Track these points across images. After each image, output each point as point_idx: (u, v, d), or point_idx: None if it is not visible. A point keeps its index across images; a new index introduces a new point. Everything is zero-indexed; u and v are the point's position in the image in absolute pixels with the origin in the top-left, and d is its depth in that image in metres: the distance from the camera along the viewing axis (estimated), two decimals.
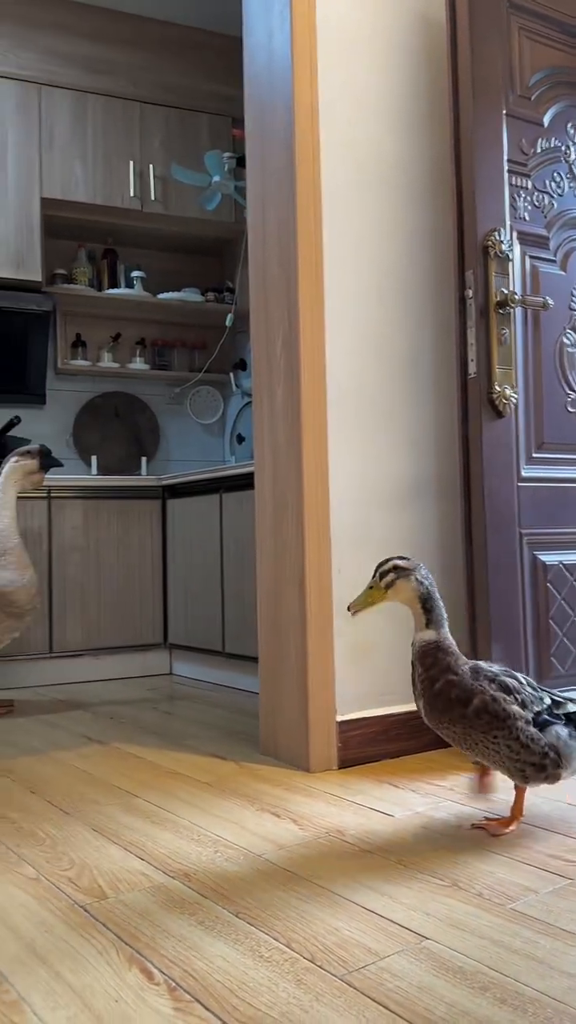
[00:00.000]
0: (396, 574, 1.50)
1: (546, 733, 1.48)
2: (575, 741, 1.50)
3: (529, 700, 1.48)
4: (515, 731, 1.45)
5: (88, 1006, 1.02)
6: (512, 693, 1.47)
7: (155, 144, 3.92)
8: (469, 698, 1.46)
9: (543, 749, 1.47)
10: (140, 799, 1.83)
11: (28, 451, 2.93)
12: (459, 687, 1.47)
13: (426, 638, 1.51)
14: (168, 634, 3.63)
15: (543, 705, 1.50)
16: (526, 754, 1.46)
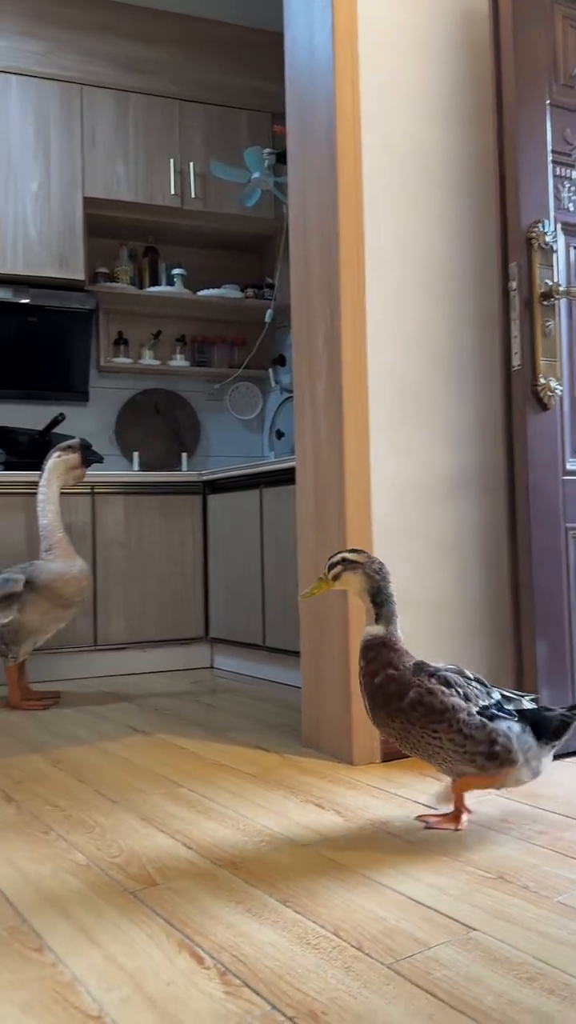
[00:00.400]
0: (343, 567, 1.52)
1: (499, 724, 1.46)
2: (527, 737, 1.47)
3: (474, 695, 1.47)
4: (456, 723, 1.44)
5: (141, 988, 1.04)
6: (453, 687, 1.46)
7: (195, 141, 3.95)
8: (405, 691, 1.45)
9: (490, 736, 1.44)
10: (185, 789, 1.86)
11: (69, 446, 2.98)
12: (396, 681, 1.46)
13: (372, 632, 1.51)
14: (209, 628, 3.67)
15: (491, 700, 1.48)
16: (472, 744, 1.45)
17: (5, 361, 3.78)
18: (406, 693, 1.45)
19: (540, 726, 1.49)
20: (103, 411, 4.12)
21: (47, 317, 3.76)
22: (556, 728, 1.49)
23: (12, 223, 3.64)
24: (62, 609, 2.90)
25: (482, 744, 1.45)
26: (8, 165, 3.64)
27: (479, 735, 1.44)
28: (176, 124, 3.92)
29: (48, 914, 1.26)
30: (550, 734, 1.49)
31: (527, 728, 1.49)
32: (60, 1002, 1.02)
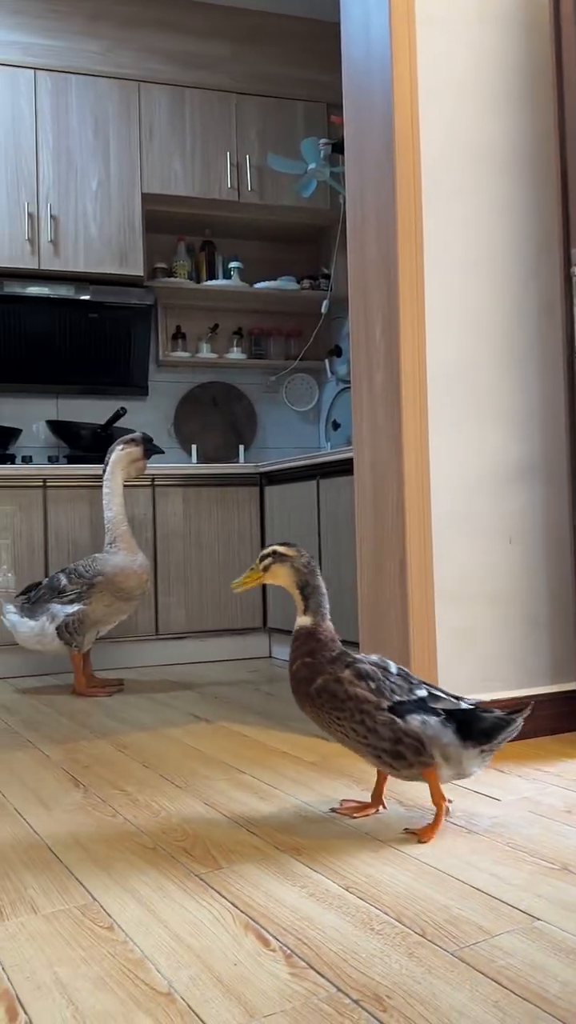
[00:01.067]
0: (273, 559, 1.54)
1: (407, 721, 1.44)
2: (445, 734, 1.45)
3: (389, 689, 1.46)
4: (358, 714, 1.45)
5: (209, 967, 1.07)
6: (366, 679, 1.46)
7: (251, 134, 3.96)
8: (314, 678, 1.49)
9: (396, 733, 1.43)
10: (248, 775, 1.89)
11: (132, 439, 3.04)
12: (310, 668, 1.50)
13: (300, 623, 1.55)
14: (267, 618, 3.70)
15: (412, 696, 1.47)
16: (375, 739, 1.45)
17: (68, 357, 3.86)
18: (315, 680, 1.49)
19: (469, 726, 1.46)
20: (162, 404, 4.18)
21: (108, 313, 3.83)
22: (487, 729, 1.46)
23: (73, 221, 3.71)
24: (124, 602, 2.96)
25: (386, 741, 1.44)
26: (68, 163, 3.71)
27: (383, 731, 1.44)
28: (232, 118, 3.94)
29: (117, 894, 1.30)
30: (480, 735, 1.46)
31: (449, 727, 1.45)
32: (131, 978, 1.05)
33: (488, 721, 1.46)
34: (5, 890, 1.33)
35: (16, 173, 3.64)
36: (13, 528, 3.40)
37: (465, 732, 1.46)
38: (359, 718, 1.45)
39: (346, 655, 1.52)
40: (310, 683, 1.50)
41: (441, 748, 1.45)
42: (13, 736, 2.35)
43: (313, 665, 1.50)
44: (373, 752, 1.47)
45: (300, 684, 1.51)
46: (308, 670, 1.50)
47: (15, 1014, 0.98)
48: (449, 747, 1.45)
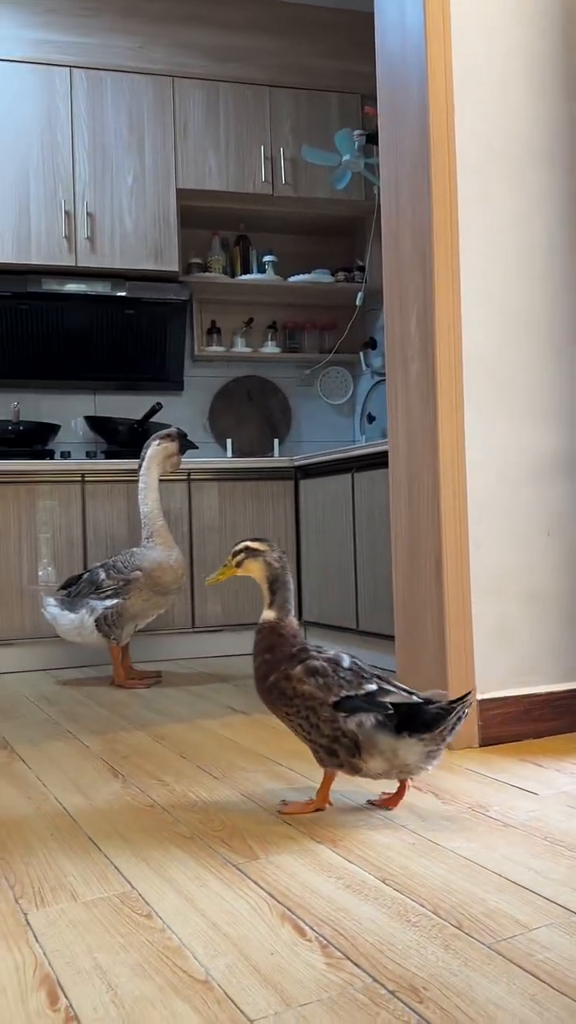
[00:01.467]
0: (246, 554, 1.60)
1: (349, 720, 1.47)
2: (382, 733, 1.46)
3: (337, 684, 1.49)
4: (303, 710, 1.50)
5: (245, 956, 1.08)
6: (316, 675, 1.50)
7: (285, 127, 3.95)
8: (269, 674, 1.54)
9: (334, 734, 1.48)
10: (284, 767, 1.90)
11: (168, 434, 3.06)
12: (267, 664, 1.54)
13: (266, 617, 1.59)
14: (302, 611, 3.70)
15: (360, 691, 1.49)
16: (316, 735, 1.50)
17: (105, 353, 3.90)
18: (269, 676, 1.54)
19: (413, 718, 1.47)
20: (197, 399, 4.20)
21: (144, 309, 3.85)
22: (428, 720, 1.46)
23: (109, 217, 3.74)
24: (161, 596, 2.99)
25: (324, 738, 1.49)
26: (103, 160, 3.74)
27: (325, 728, 1.49)
28: (266, 111, 3.94)
29: (155, 883, 1.31)
30: (421, 726, 1.46)
31: (386, 723, 1.47)
32: (169, 965, 1.07)
33: (429, 712, 1.47)
34: (46, 877, 1.35)
35: (53, 171, 3.68)
36: (53, 523, 3.45)
37: (407, 724, 1.47)
38: (304, 714, 1.51)
39: (304, 651, 1.55)
40: (265, 680, 1.55)
41: (374, 747, 1.48)
42: (54, 726, 2.39)
43: (271, 662, 1.55)
44: (312, 747, 1.54)
45: (259, 680, 1.58)
46: (266, 667, 1.55)
47: (56, 998, 1.00)
48: (382, 744, 1.47)
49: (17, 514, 3.41)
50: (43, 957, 1.10)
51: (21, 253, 3.63)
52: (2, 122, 3.62)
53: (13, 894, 1.29)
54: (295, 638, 1.57)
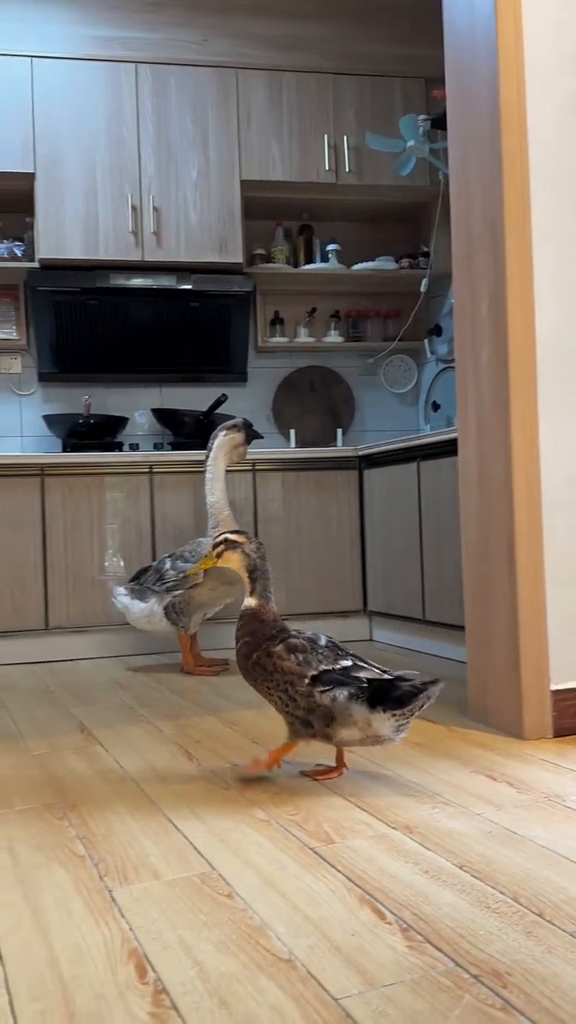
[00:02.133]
0: (225, 546, 1.71)
1: (324, 695, 1.59)
2: (356, 705, 1.58)
3: (317, 660, 1.61)
4: (282, 684, 1.62)
5: (327, 937, 1.10)
6: (295, 652, 1.62)
7: (348, 115, 3.93)
8: (251, 653, 1.66)
9: (310, 705, 1.60)
10: (354, 754, 1.90)
11: (234, 425, 3.09)
12: (249, 645, 1.67)
13: (247, 604, 1.71)
14: (367, 601, 3.70)
15: (336, 665, 1.61)
16: (293, 707, 1.62)
17: (170, 346, 3.95)
18: (251, 655, 1.66)
19: (384, 693, 1.57)
20: (261, 390, 4.22)
21: (208, 301, 3.89)
22: (398, 697, 1.57)
23: (174, 211, 3.78)
24: (228, 585, 3.02)
25: (301, 710, 1.61)
26: (168, 155, 3.78)
27: (302, 700, 1.61)
28: (329, 99, 3.92)
29: (234, 864, 1.34)
30: (391, 702, 1.57)
31: (358, 697, 1.58)
32: (252, 943, 1.09)
33: (401, 690, 1.58)
34: (128, 856, 1.39)
35: (119, 167, 3.74)
36: (122, 514, 3.52)
37: (379, 699, 1.58)
38: (284, 687, 1.62)
39: (283, 632, 1.67)
40: (247, 658, 1.67)
41: (347, 718, 1.59)
42: (128, 711, 2.45)
43: (252, 643, 1.67)
44: (288, 719, 1.65)
45: (241, 660, 1.69)
46: (248, 647, 1.67)
47: (144, 972, 1.03)
48: (356, 715, 1.59)
49: (89, 505, 3.49)
50: (129, 932, 1.14)
51: (90, 249, 3.70)
52: (70, 120, 3.69)
53: (98, 871, 1.34)
54: (275, 622, 1.69)
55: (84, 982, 1.01)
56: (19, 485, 3.44)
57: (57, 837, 1.48)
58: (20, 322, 3.90)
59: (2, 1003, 0.98)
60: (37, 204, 3.66)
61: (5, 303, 3.89)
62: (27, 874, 1.34)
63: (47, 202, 3.66)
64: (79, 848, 1.43)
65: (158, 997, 0.97)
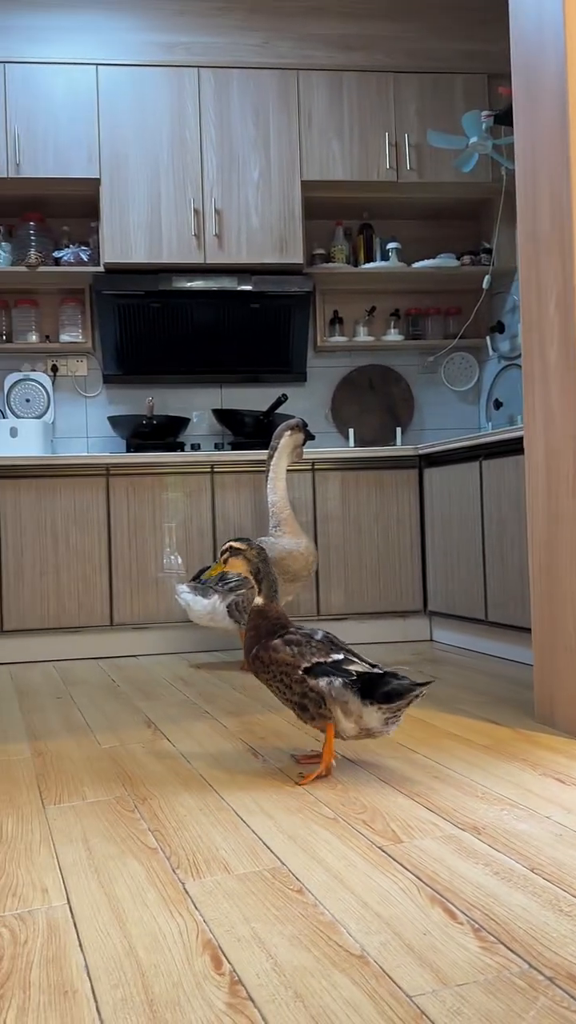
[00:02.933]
0: (230, 553, 1.85)
1: (316, 681, 1.70)
2: (348, 694, 1.68)
3: (310, 653, 1.73)
4: (279, 675, 1.75)
5: (398, 935, 1.10)
6: (291, 645, 1.75)
7: (410, 113, 3.92)
8: (251, 648, 1.80)
9: (304, 691, 1.72)
10: (419, 755, 1.91)
11: (296, 425, 3.11)
12: (252, 640, 1.80)
13: (255, 603, 1.84)
14: (428, 601, 3.68)
15: (328, 658, 1.72)
16: (289, 694, 1.75)
17: (230, 347, 3.99)
18: (251, 649, 1.80)
19: (373, 687, 1.67)
20: (319, 390, 4.23)
21: (268, 302, 3.91)
22: (387, 692, 1.66)
23: (236, 213, 3.82)
24: (290, 583, 3.05)
25: (296, 695, 1.73)
26: (230, 157, 3.82)
27: (296, 687, 1.72)
28: (390, 97, 3.91)
29: (303, 860, 1.36)
30: (380, 697, 1.66)
31: (351, 687, 1.68)
32: (324, 939, 1.10)
33: (390, 686, 1.67)
34: (199, 850, 1.42)
35: (182, 171, 3.79)
36: (183, 512, 3.57)
37: (368, 693, 1.67)
38: (279, 677, 1.75)
39: (283, 627, 1.80)
40: (250, 652, 1.81)
41: (341, 705, 1.69)
42: (192, 707, 2.49)
43: (254, 638, 1.81)
44: (288, 704, 1.77)
45: (246, 654, 1.83)
46: (251, 642, 1.81)
47: (220, 963, 1.06)
48: (349, 704, 1.68)
49: (152, 505, 3.55)
50: (203, 924, 1.16)
51: (153, 253, 3.76)
52: (134, 126, 3.75)
53: (170, 864, 1.37)
54: (278, 619, 1.82)
55: (162, 971, 1.04)
56: (85, 485, 3.52)
57: (129, 829, 1.52)
58: (86, 325, 3.98)
59: (84, 988, 1.01)
60: (102, 209, 3.73)
61: (72, 307, 3.98)
62: (102, 864, 1.37)
63: (112, 207, 3.74)
64: (151, 840, 1.46)
65: (234, 988, 1.00)
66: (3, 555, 3.45)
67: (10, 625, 3.45)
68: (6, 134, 3.65)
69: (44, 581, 3.47)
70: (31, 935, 1.15)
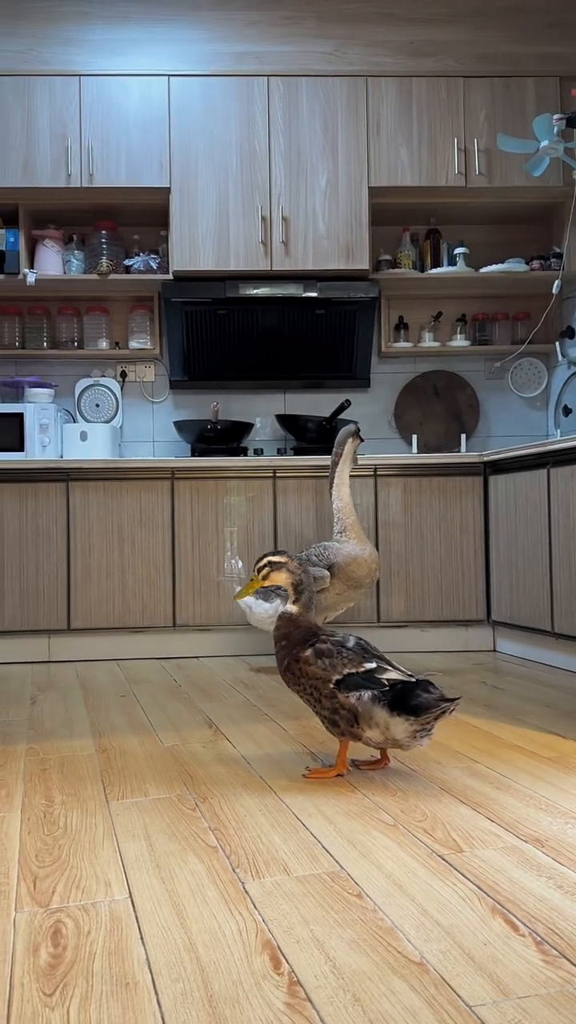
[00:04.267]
0: (269, 567, 1.84)
1: (349, 696, 1.70)
2: (377, 708, 1.67)
3: (341, 664, 1.72)
4: (309, 688, 1.75)
5: (458, 944, 1.09)
6: (322, 657, 1.74)
7: (479, 118, 3.88)
8: (284, 659, 1.80)
9: (333, 706, 1.72)
10: (481, 765, 1.88)
11: (357, 431, 3.11)
12: (284, 650, 1.80)
13: (288, 610, 1.84)
14: (491, 611, 3.63)
15: (360, 668, 1.71)
16: (319, 707, 1.75)
17: (294, 353, 4.01)
18: (283, 660, 1.80)
19: (403, 699, 1.66)
20: (383, 396, 4.22)
21: (333, 308, 3.92)
22: (414, 706, 1.65)
23: (303, 220, 3.84)
24: (353, 590, 3.04)
25: (327, 709, 1.73)
26: (298, 165, 3.84)
27: (327, 702, 1.73)
28: (460, 102, 3.88)
29: (363, 865, 1.35)
30: (408, 709, 1.65)
31: (381, 699, 1.68)
32: (383, 944, 1.10)
33: (419, 699, 1.65)
34: (258, 850, 1.43)
35: (250, 179, 3.83)
36: (245, 516, 3.60)
37: (399, 705, 1.66)
38: (309, 691, 1.76)
39: (314, 635, 1.79)
40: (282, 663, 1.81)
41: (369, 719, 1.70)
42: (252, 709, 2.51)
43: (287, 647, 1.80)
44: (320, 719, 1.78)
45: (278, 664, 1.83)
46: (284, 652, 1.81)
47: (279, 963, 1.06)
48: (375, 716, 1.69)
49: (215, 508, 3.59)
50: (262, 924, 1.17)
51: (220, 260, 3.81)
52: (204, 135, 3.81)
53: (230, 863, 1.38)
54: (307, 628, 1.81)
55: (221, 967, 1.05)
56: (151, 488, 3.58)
57: (190, 827, 1.54)
58: (154, 332, 4.06)
59: (145, 981, 1.03)
60: (172, 217, 3.80)
61: (141, 314, 4.06)
62: (163, 861, 1.40)
63: (181, 215, 3.80)
64: (211, 839, 1.48)
65: (293, 988, 1.00)
66: (72, 555, 3.54)
67: (77, 624, 3.53)
68: (80, 145, 3.75)
69: (110, 581, 3.54)
70: (94, 926, 1.17)
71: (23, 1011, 0.97)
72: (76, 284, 3.94)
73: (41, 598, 3.53)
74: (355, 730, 1.72)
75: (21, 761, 2.00)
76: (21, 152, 3.73)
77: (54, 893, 1.28)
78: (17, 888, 1.30)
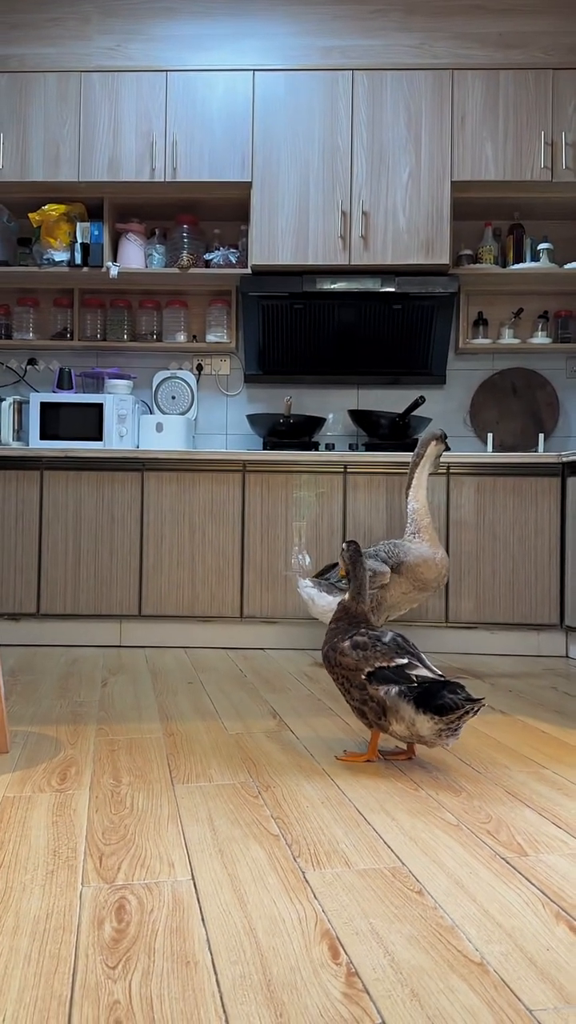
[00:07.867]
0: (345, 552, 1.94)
1: (377, 689, 1.75)
2: (403, 700, 1.72)
3: (374, 657, 1.77)
4: (341, 678, 1.82)
5: (520, 947, 1.08)
6: (358, 648, 1.80)
7: (568, 110, 3.79)
8: (325, 645, 1.88)
9: (363, 697, 1.77)
10: (549, 771, 1.85)
11: (441, 436, 3.08)
12: (329, 639, 1.88)
13: (343, 600, 1.94)
14: (565, 615, 3.55)
15: (391, 663, 1.75)
16: (349, 697, 1.82)
17: (370, 348, 3.99)
18: (325, 646, 1.88)
19: (428, 698, 1.69)
20: (458, 393, 4.17)
21: (411, 303, 3.89)
22: (438, 706, 1.68)
23: (383, 215, 3.82)
24: (419, 591, 3.02)
25: (356, 700, 1.79)
26: (380, 159, 3.82)
27: (356, 692, 1.79)
28: (548, 95, 3.80)
29: (424, 862, 1.35)
30: (432, 708, 1.69)
31: (408, 695, 1.71)
32: (443, 942, 1.09)
33: (443, 699, 1.68)
34: (320, 842, 1.43)
35: (331, 173, 3.82)
36: (314, 511, 3.61)
37: (425, 703, 1.70)
38: (342, 680, 1.83)
39: (359, 628, 1.85)
40: (324, 648, 1.89)
41: (396, 712, 1.74)
42: (316, 702, 2.51)
43: (332, 632, 1.89)
44: (350, 706, 1.84)
45: (322, 648, 1.92)
46: (328, 638, 1.89)
47: (337, 953, 1.07)
48: (403, 712, 1.73)
49: (285, 502, 3.61)
50: (322, 914, 1.17)
51: (299, 255, 3.82)
52: (286, 129, 3.82)
53: (291, 852, 1.39)
54: (356, 617, 1.90)
55: (280, 953, 1.06)
56: (223, 480, 3.62)
57: (253, 814, 1.55)
58: (231, 326, 4.10)
59: (205, 961, 1.05)
60: (252, 212, 3.83)
61: (218, 308, 4.10)
62: (225, 846, 1.41)
63: (261, 210, 3.82)
64: (273, 827, 1.49)
65: (350, 979, 1.00)
66: (144, 544, 3.61)
67: (147, 610, 3.60)
68: (165, 140, 3.81)
69: (180, 570, 3.60)
70: (157, 905, 1.20)
71: (87, 980, 1.00)
72: (157, 277, 4.00)
73: (114, 584, 3.61)
74: (382, 722, 1.77)
75: (91, 741, 2.06)
76: (108, 147, 3.81)
77: (119, 870, 1.31)
78: (84, 864, 1.34)
